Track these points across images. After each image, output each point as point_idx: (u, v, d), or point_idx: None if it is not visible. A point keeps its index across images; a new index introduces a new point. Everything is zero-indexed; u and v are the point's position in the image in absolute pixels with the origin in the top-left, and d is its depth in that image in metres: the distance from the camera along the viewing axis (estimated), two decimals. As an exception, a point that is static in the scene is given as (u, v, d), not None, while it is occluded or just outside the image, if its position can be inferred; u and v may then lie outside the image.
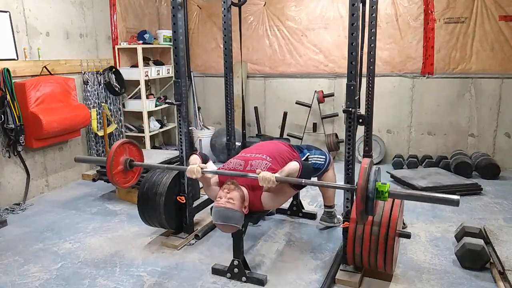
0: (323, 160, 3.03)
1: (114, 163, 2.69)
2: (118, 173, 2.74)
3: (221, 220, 2.32)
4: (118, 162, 2.73)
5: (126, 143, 2.83)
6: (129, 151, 2.84)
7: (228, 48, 3.41)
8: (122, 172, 2.77)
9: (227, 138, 3.61)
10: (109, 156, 2.66)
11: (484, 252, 2.55)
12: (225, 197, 2.35)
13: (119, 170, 2.74)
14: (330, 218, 3.22)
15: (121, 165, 2.75)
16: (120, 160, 2.75)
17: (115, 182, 2.74)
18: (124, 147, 2.80)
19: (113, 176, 2.68)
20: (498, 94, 4.64)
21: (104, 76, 4.79)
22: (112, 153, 2.67)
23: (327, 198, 3.19)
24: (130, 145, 2.86)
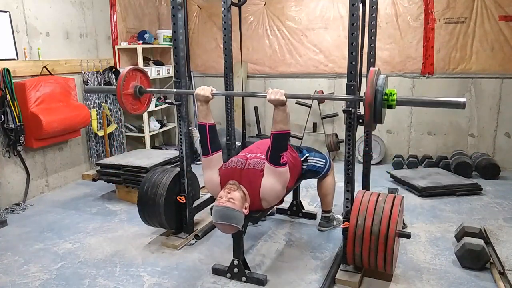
0: (322, 163, 3.03)
1: (125, 85, 2.70)
2: (127, 96, 2.74)
3: (221, 220, 2.31)
4: (128, 86, 2.74)
5: (137, 71, 2.85)
6: (140, 79, 2.85)
7: (228, 48, 3.41)
8: (131, 97, 2.78)
9: (227, 138, 3.61)
10: (120, 78, 2.68)
11: (484, 252, 2.55)
12: (226, 197, 2.35)
13: (128, 93, 2.75)
14: (327, 223, 3.23)
15: (131, 89, 2.77)
16: (130, 84, 2.76)
17: (123, 105, 2.73)
18: (136, 74, 2.81)
19: (122, 97, 2.68)
20: (498, 94, 4.64)
21: (104, 76, 4.79)
22: (123, 76, 2.69)
23: (326, 203, 3.19)
24: (141, 74, 2.87)
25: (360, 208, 2.36)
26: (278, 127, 2.34)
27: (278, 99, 2.29)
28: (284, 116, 2.33)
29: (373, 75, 1.99)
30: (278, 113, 2.33)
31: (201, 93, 2.53)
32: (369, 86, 1.98)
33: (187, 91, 2.95)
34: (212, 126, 2.60)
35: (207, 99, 2.55)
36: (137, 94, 2.83)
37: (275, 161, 2.38)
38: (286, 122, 2.35)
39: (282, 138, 2.36)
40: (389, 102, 2.04)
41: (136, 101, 2.86)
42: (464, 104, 1.92)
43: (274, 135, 2.35)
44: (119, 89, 2.68)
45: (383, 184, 4.27)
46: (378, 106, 1.99)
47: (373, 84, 1.97)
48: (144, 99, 2.93)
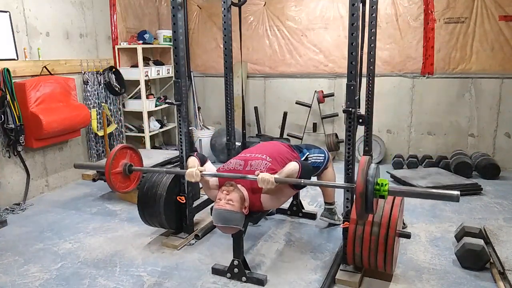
0: (322, 158, 3.03)
1: (114, 165, 2.69)
2: (116, 176, 2.74)
3: (221, 222, 2.32)
4: (117, 165, 2.74)
5: (128, 148, 2.84)
6: (130, 156, 2.85)
7: (228, 48, 3.41)
8: (121, 176, 2.78)
9: (227, 138, 3.61)
10: (109, 158, 2.67)
11: (484, 252, 2.55)
12: (224, 199, 2.35)
13: (117, 172, 2.74)
14: (331, 214, 3.22)
15: (120, 168, 2.76)
16: (119, 163, 2.75)
17: (112, 185, 2.73)
18: (125, 152, 2.81)
19: (111, 177, 2.68)
20: (498, 94, 4.64)
21: (104, 76, 4.79)
22: (112, 155, 2.68)
23: (327, 195, 3.19)
24: (131, 151, 2.87)
25: (360, 208, 2.35)
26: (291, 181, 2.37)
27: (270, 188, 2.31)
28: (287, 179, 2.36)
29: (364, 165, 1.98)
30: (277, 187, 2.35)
31: (191, 180, 2.53)
32: (360, 175, 1.97)
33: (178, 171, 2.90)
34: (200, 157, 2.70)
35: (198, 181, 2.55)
36: (126, 173, 2.80)
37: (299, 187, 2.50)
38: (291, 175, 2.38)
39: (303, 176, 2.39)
40: (381, 192, 2.03)
41: (125, 179, 2.84)
42: (458, 197, 1.91)
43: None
44: (108, 168, 2.66)
45: (383, 183, 4.27)
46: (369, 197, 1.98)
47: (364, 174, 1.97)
48: (133, 176, 2.90)
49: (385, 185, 2.02)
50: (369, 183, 1.97)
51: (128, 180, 2.87)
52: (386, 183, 2.02)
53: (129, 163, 2.82)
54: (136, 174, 2.94)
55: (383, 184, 2.02)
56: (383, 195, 2.04)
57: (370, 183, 1.96)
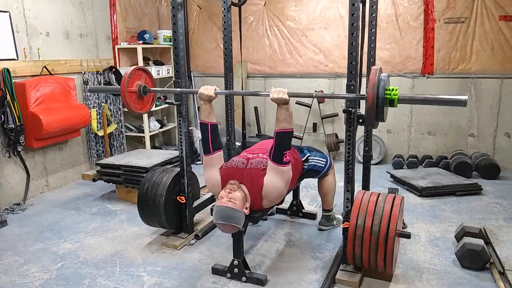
0: (323, 163, 3.03)
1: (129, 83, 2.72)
2: (131, 94, 2.76)
3: (222, 220, 2.31)
4: (132, 85, 2.76)
5: (142, 70, 2.86)
6: (144, 79, 2.87)
7: (228, 48, 3.41)
8: (135, 95, 2.80)
9: (227, 138, 3.61)
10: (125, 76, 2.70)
11: (484, 252, 2.55)
12: (226, 197, 2.35)
13: (132, 91, 2.76)
14: (328, 222, 3.23)
15: (135, 88, 2.78)
16: (134, 83, 2.78)
17: (127, 103, 2.75)
18: (141, 74, 2.83)
19: (126, 94, 2.69)
20: (498, 94, 4.64)
21: (104, 76, 4.79)
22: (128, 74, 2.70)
23: (326, 202, 3.19)
24: (145, 73, 2.89)
25: (360, 208, 2.36)
26: (281, 125, 2.36)
27: (281, 97, 2.31)
28: (287, 115, 2.36)
29: (375, 73, 1.99)
30: (281, 111, 2.36)
31: (204, 92, 2.56)
32: (371, 83, 1.97)
33: (191, 90, 2.95)
34: (214, 125, 2.61)
35: (211, 98, 2.58)
36: (141, 93, 2.84)
37: (278, 160, 2.40)
38: (289, 121, 2.37)
39: (285, 136, 2.38)
40: (391, 96, 2.02)
41: (139, 100, 2.87)
42: (466, 102, 1.91)
43: (278, 134, 2.37)
44: (124, 87, 2.69)
45: (383, 184, 4.27)
46: (380, 103, 1.98)
47: (375, 81, 1.97)
48: (147, 99, 2.94)
49: (395, 90, 2.02)
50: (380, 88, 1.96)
51: (142, 102, 2.89)
52: (396, 89, 2.03)
53: (144, 84, 2.84)
54: (150, 97, 2.95)
55: (393, 89, 2.03)
56: (393, 100, 2.03)
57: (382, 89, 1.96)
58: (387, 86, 2.05)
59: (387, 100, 2.03)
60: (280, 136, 2.37)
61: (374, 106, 1.98)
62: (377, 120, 2.06)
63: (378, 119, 2.05)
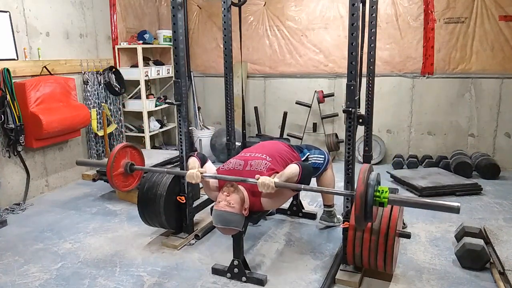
0: (322, 159, 3.04)
1: (115, 166, 2.70)
2: (118, 176, 2.75)
3: (221, 224, 2.32)
4: (118, 165, 2.74)
5: (128, 147, 2.85)
6: (131, 155, 2.85)
7: (228, 48, 3.41)
8: (122, 175, 2.78)
9: (227, 138, 3.61)
10: (110, 159, 2.67)
11: (484, 252, 2.55)
12: (224, 200, 2.35)
13: (119, 173, 2.75)
14: (330, 217, 3.23)
15: (122, 168, 2.76)
16: (120, 163, 2.76)
17: (115, 185, 2.75)
18: (126, 151, 2.81)
19: (113, 178, 2.68)
20: (498, 94, 4.64)
21: (104, 76, 4.79)
22: (113, 156, 2.68)
23: (327, 197, 3.19)
24: (131, 149, 2.87)
25: (360, 208, 2.35)
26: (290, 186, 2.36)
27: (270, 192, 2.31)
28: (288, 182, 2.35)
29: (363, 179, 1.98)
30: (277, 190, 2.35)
31: (192, 181, 2.53)
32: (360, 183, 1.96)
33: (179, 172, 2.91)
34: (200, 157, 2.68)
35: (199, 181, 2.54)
36: (127, 172, 2.82)
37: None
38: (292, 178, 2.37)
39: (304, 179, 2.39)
40: (381, 199, 2.01)
41: (127, 178, 2.87)
42: (458, 209, 1.90)
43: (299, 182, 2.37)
44: (109, 171, 2.67)
45: (383, 184, 4.24)
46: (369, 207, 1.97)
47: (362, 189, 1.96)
48: (136, 174, 2.93)
49: (385, 192, 2.01)
50: (370, 188, 1.96)
51: (131, 178, 2.91)
52: (386, 190, 2.02)
53: (130, 162, 2.83)
54: (138, 172, 2.95)
55: (383, 191, 2.01)
56: (383, 203, 2.02)
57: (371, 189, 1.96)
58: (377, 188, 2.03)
59: (376, 203, 2.02)
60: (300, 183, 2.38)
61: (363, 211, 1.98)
62: (366, 221, 2.05)
63: (367, 221, 2.05)
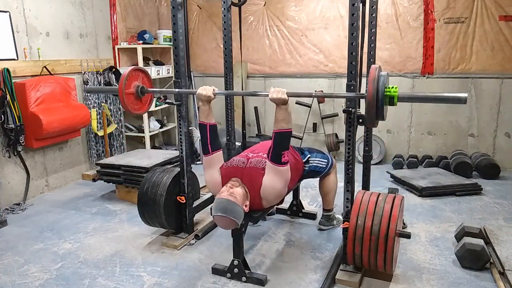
0: (324, 163, 3.03)
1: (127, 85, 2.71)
2: (129, 96, 2.75)
3: (221, 212, 2.28)
4: (130, 86, 2.75)
5: (139, 70, 2.85)
6: (142, 79, 2.86)
7: (228, 48, 3.41)
8: (133, 97, 2.79)
9: (227, 138, 3.61)
10: (122, 78, 2.68)
11: (484, 252, 2.55)
12: (227, 191, 2.36)
13: (130, 93, 2.75)
14: (328, 222, 3.23)
15: (133, 89, 2.77)
16: (132, 84, 2.77)
17: (125, 105, 2.74)
18: (138, 74, 2.82)
19: (124, 96, 2.68)
20: (498, 94, 4.64)
21: (104, 76, 4.79)
22: (125, 76, 2.69)
23: (327, 201, 3.19)
24: (143, 74, 2.88)
25: (360, 208, 2.36)
26: (279, 125, 2.36)
27: (280, 97, 2.31)
28: (286, 115, 2.35)
29: (375, 72, 1.99)
30: (280, 112, 2.35)
31: (203, 92, 2.55)
32: (370, 82, 1.97)
33: (189, 91, 2.96)
34: (212, 125, 2.61)
35: (209, 98, 2.57)
36: (138, 94, 2.83)
37: (277, 160, 2.39)
38: (287, 121, 2.36)
39: (284, 136, 2.37)
40: (391, 93, 2.01)
41: (137, 101, 2.87)
42: (466, 100, 1.90)
43: (276, 134, 2.36)
44: (121, 88, 2.68)
45: (383, 184, 4.27)
46: (380, 100, 1.97)
47: (374, 79, 1.96)
48: (145, 99, 2.94)
49: (395, 87, 2.02)
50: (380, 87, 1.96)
51: (140, 102, 2.89)
52: (395, 87, 2.03)
53: (141, 85, 2.83)
54: (148, 97, 2.95)
55: (393, 86, 2.03)
56: (393, 97, 2.02)
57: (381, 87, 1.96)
58: (387, 84, 2.04)
59: (387, 97, 2.02)
60: (278, 136, 2.37)
61: (374, 103, 1.97)
62: (377, 118, 2.05)
63: (378, 117, 2.04)
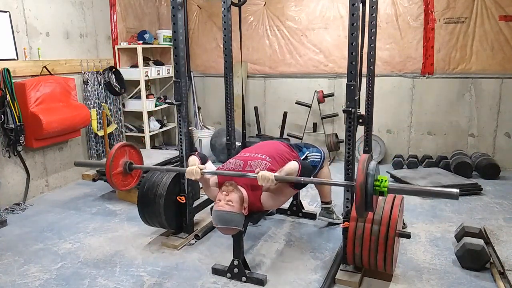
0: (319, 157, 3.05)
1: (114, 165, 2.69)
2: (117, 175, 2.74)
3: (221, 224, 2.32)
4: (117, 165, 2.73)
5: (126, 146, 2.84)
6: (129, 154, 2.84)
7: (228, 48, 3.41)
8: (121, 175, 2.78)
9: (227, 138, 3.61)
10: (108, 158, 2.66)
11: (484, 252, 2.55)
12: (224, 200, 2.34)
13: (118, 172, 2.74)
14: (328, 214, 3.24)
15: (121, 167, 2.75)
16: (119, 162, 2.75)
17: (114, 184, 2.74)
18: (124, 150, 2.80)
19: (112, 177, 2.68)
20: (498, 94, 4.63)
21: (104, 76, 4.79)
22: (111, 155, 2.67)
23: (324, 194, 3.20)
24: (130, 148, 2.86)
25: (360, 208, 2.35)
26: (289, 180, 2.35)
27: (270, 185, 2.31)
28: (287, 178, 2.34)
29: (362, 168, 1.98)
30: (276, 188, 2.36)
31: (191, 178, 2.52)
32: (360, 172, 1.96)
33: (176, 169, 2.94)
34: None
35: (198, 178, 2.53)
36: (126, 171, 2.80)
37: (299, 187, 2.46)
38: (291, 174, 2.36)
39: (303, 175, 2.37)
40: (380, 189, 2.01)
41: (126, 177, 2.85)
42: (457, 195, 1.90)
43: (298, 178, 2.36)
44: (108, 170, 2.66)
45: (383, 184, 4.27)
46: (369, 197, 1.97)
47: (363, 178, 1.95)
48: (135, 173, 2.91)
49: (384, 181, 2.01)
50: (369, 177, 1.95)
51: (130, 177, 2.89)
52: (385, 180, 2.02)
53: (129, 161, 2.82)
54: (137, 171, 2.94)
55: (383, 180, 2.01)
56: (383, 192, 2.02)
57: (370, 178, 1.95)
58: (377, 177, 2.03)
59: (376, 192, 2.01)
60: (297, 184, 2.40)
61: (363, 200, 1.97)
62: (367, 211, 2.05)
63: (368, 210, 2.05)
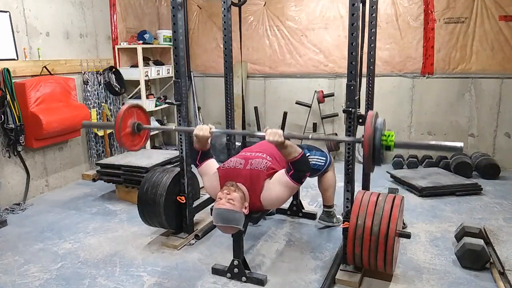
0: (323, 161, 3.04)
1: (122, 125, 2.69)
2: (126, 135, 2.73)
3: (221, 222, 2.32)
4: (126, 125, 2.73)
5: (134, 107, 2.83)
6: (137, 115, 2.84)
7: (228, 48, 3.41)
8: (130, 135, 2.77)
9: (227, 138, 3.61)
10: (118, 118, 2.66)
11: (484, 252, 2.55)
12: (225, 198, 2.35)
13: (127, 132, 2.73)
14: (328, 218, 3.24)
15: (129, 127, 2.75)
16: (128, 123, 2.75)
17: (123, 144, 2.72)
18: (132, 111, 2.79)
19: (121, 137, 2.67)
20: (498, 94, 4.64)
21: (104, 76, 4.79)
22: (120, 115, 2.67)
23: (326, 198, 3.20)
24: (137, 110, 2.86)
25: (360, 208, 2.36)
26: (290, 157, 2.33)
27: (277, 140, 2.27)
28: (290, 149, 2.33)
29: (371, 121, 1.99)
30: (282, 150, 2.33)
31: (200, 133, 2.50)
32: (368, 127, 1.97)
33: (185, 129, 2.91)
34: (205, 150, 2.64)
35: (206, 138, 2.53)
36: (135, 131, 2.79)
37: (297, 179, 2.39)
38: (294, 151, 2.33)
39: (300, 162, 2.35)
40: (387, 143, 2.02)
41: (135, 137, 2.84)
42: (461, 149, 1.91)
43: (291, 163, 2.34)
44: (118, 131, 2.65)
45: (383, 184, 4.27)
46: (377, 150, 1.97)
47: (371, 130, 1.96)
48: (143, 133, 2.89)
49: (391, 135, 2.02)
50: (377, 131, 1.96)
51: (138, 137, 2.86)
52: (392, 134, 2.03)
53: (137, 122, 2.81)
54: (145, 131, 2.93)
55: (390, 135, 2.03)
56: (389, 146, 2.02)
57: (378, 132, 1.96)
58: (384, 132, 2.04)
59: (383, 146, 2.02)
60: (295, 164, 2.34)
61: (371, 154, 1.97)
62: (374, 165, 2.06)
63: (375, 164, 2.05)
